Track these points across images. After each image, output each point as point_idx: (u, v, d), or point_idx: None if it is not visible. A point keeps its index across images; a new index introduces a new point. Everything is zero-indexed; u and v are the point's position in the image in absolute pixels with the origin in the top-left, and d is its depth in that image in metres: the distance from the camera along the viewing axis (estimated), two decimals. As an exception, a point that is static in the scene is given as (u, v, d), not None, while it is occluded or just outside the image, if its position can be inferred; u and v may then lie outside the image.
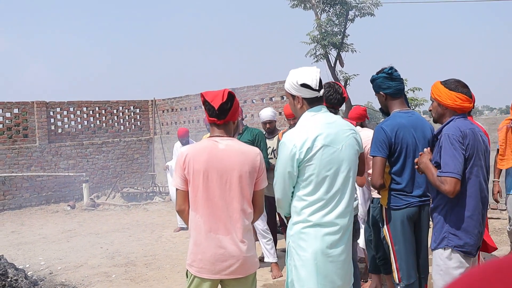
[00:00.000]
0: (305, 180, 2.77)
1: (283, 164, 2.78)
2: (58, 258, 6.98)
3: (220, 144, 2.86)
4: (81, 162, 13.21)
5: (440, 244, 2.93)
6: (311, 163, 2.74)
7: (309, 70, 2.87)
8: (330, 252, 2.78)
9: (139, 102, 15.11)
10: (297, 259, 2.81)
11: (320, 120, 2.82)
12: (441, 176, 2.81)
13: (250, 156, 2.90)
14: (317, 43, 11.88)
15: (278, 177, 2.84)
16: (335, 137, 2.80)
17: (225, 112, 2.85)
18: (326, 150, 2.75)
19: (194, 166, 2.81)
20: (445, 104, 2.99)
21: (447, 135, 2.87)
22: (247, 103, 12.26)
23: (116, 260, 6.72)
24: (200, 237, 2.82)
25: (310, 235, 2.76)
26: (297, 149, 2.73)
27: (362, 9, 12.20)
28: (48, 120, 12.94)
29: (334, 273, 2.81)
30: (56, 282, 5.85)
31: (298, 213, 2.81)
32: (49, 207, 12.01)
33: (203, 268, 2.82)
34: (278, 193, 2.90)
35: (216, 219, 2.82)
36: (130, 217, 10.15)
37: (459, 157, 2.81)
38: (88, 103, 13.91)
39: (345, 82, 12.28)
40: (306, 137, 2.74)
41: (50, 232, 8.93)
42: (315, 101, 2.88)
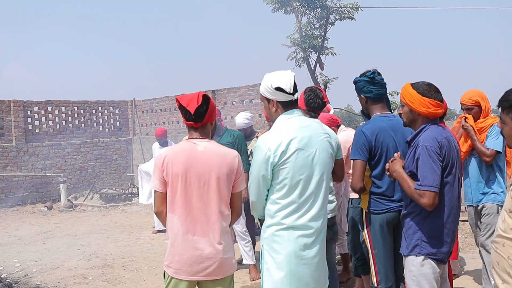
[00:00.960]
0: (279, 183, 2.80)
1: (258, 167, 2.81)
2: (33, 260, 6.89)
3: (198, 146, 2.90)
4: (59, 163, 13.06)
5: (413, 251, 2.90)
6: (285, 166, 2.77)
7: (284, 74, 2.89)
8: (304, 254, 2.82)
9: (118, 103, 15.00)
10: (270, 262, 2.83)
11: (295, 124, 2.85)
12: (419, 190, 2.77)
13: (228, 159, 2.94)
14: (297, 46, 11.95)
15: (253, 180, 2.86)
16: (309, 140, 2.83)
17: (202, 115, 2.89)
18: (300, 154, 2.78)
19: (173, 168, 2.83)
20: (418, 111, 2.92)
21: (425, 146, 2.81)
22: (227, 105, 12.27)
23: (93, 262, 6.66)
24: (178, 239, 2.85)
25: (284, 238, 2.79)
26: (271, 152, 2.75)
27: (342, 13, 12.30)
28: (25, 119, 12.77)
29: (308, 276, 2.84)
30: (31, 284, 5.77)
31: (272, 216, 2.84)
32: (25, 208, 11.84)
33: (180, 270, 2.85)
34: (252, 196, 2.92)
35: (193, 221, 2.85)
36: (108, 219, 10.07)
37: (437, 169, 2.78)
38: (66, 103, 13.77)
39: (325, 85, 12.35)
40: (281, 141, 2.77)
41: (26, 234, 8.81)
42: (290, 104, 2.90)
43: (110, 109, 14.78)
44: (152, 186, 2.97)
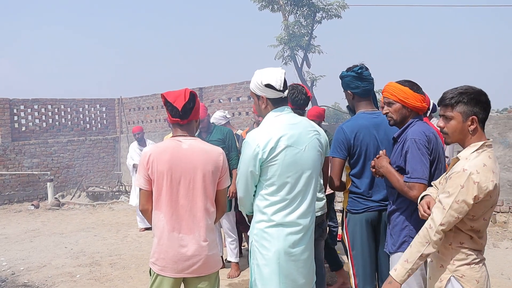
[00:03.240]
0: (268, 180, 2.81)
1: (246, 163, 2.83)
2: (21, 258, 6.89)
3: (183, 144, 2.91)
4: (46, 161, 13.02)
5: (400, 248, 2.88)
6: (273, 163, 2.78)
7: (274, 71, 2.90)
8: (293, 251, 2.85)
9: (105, 101, 14.96)
10: (260, 258, 2.87)
11: (284, 121, 2.87)
12: (408, 182, 2.76)
13: (213, 156, 2.96)
14: (284, 44, 12.01)
15: (241, 175, 2.88)
16: (298, 138, 2.85)
17: (188, 112, 2.90)
18: (289, 151, 2.80)
19: (158, 166, 2.84)
20: (413, 106, 2.92)
21: (414, 140, 2.81)
22: (214, 102, 12.31)
23: (81, 260, 6.68)
24: (163, 236, 2.87)
25: (273, 235, 2.82)
26: (260, 149, 2.76)
27: (329, 11, 12.38)
28: (11, 118, 12.70)
29: (296, 272, 2.88)
30: (18, 283, 5.79)
31: (261, 212, 2.86)
32: (12, 207, 11.79)
33: (165, 267, 2.87)
34: (240, 192, 2.95)
35: (179, 218, 2.87)
36: (96, 217, 10.07)
37: (426, 162, 2.78)
38: (53, 101, 13.71)
39: (312, 82, 12.45)
40: (270, 137, 2.78)
41: (13, 232, 8.78)
42: (280, 101, 2.92)
43: (97, 107, 14.75)
44: (137, 184, 2.96)
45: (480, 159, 2.31)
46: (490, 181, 2.26)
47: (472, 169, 2.27)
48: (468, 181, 2.26)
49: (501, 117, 8.00)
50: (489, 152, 2.35)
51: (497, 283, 5.00)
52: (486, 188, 2.26)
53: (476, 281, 2.36)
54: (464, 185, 2.26)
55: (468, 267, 2.37)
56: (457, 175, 2.30)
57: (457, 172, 2.30)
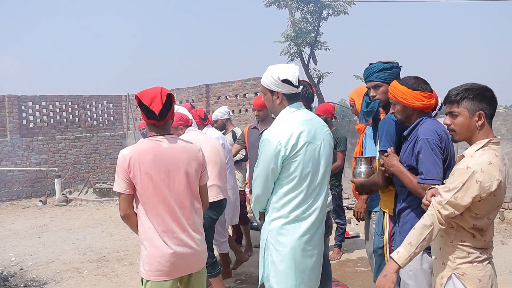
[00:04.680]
0: (288, 177, 2.81)
1: (267, 161, 2.80)
2: (29, 254, 6.95)
3: (163, 143, 2.86)
4: (53, 157, 13.09)
5: None
6: (295, 159, 2.79)
7: (289, 66, 2.92)
8: (308, 246, 2.89)
9: (112, 97, 15.01)
10: (275, 255, 2.87)
11: (300, 117, 2.88)
12: (423, 184, 2.69)
13: (193, 153, 2.97)
14: (291, 41, 11.99)
15: (260, 173, 2.86)
16: (315, 133, 2.88)
17: (165, 114, 2.84)
18: (309, 147, 2.83)
19: (141, 168, 2.77)
20: (413, 106, 2.86)
21: (426, 139, 2.75)
22: (221, 99, 12.32)
23: (88, 256, 6.73)
24: (156, 239, 2.81)
25: (290, 231, 2.84)
26: (282, 146, 2.76)
27: (336, 8, 12.33)
28: (19, 114, 12.79)
29: (310, 267, 2.93)
30: (27, 278, 5.84)
31: (278, 209, 2.86)
32: (20, 203, 11.88)
33: (161, 271, 2.82)
34: (258, 189, 2.91)
35: (169, 219, 2.82)
36: (103, 213, 10.13)
37: (440, 162, 2.72)
38: (60, 98, 13.77)
39: (319, 79, 12.42)
40: (291, 134, 2.78)
41: (21, 228, 8.85)
42: (294, 97, 2.93)
43: (104, 104, 14.80)
44: (116, 189, 2.83)
45: (486, 157, 2.28)
46: (495, 179, 2.24)
47: (476, 168, 2.24)
48: (470, 180, 2.24)
49: (509, 113, 7.96)
50: (496, 150, 2.32)
51: (505, 280, 4.98)
52: (489, 188, 2.23)
53: (478, 280, 2.33)
54: (466, 183, 2.25)
55: (470, 265, 2.35)
56: (460, 172, 2.28)
57: (461, 169, 2.29)
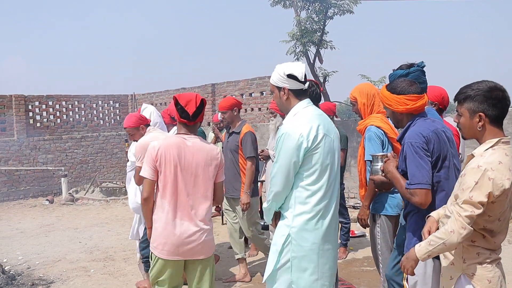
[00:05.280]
0: (309, 169, 2.83)
1: (288, 155, 2.81)
2: (36, 252, 6.99)
3: (187, 141, 3.27)
4: (60, 156, 13.15)
5: None
6: (316, 151, 2.82)
7: (296, 63, 2.99)
8: (328, 242, 2.92)
9: (118, 97, 15.06)
10: (298, 250, 2.86)
11: (313, 112, 2.94)
12: (409, 189, 2.70)
13: (213, 153, 3.34)
14: (296, 40, 11.97)
15: (280, 169, 2.85)
16: (329, 127, 2.94)
17: (197, 116, 3.28)
18: (327, 139, 2.87)
19: (166, 159, 3.19)
20: (398, 110, 2.88)
21: (410, 143, 2.73)
22: (227, 98, 12.33)
23: (95, 255, 6.76)
24: (167, 222, 3.20)
25: (314, 226, 2.85)
26: (304, 138, 2.78)
27: (341, 7, 12.29)
28: (26, 114, 12.85)
29: (331, 261, 2.96)
30: (34, 276, 5.87)
31: (303, 203, 2.86)
32: (27, 202, 11.94)
33: (167, 251, 3.20)
34: (278, 186, 2.89)
35: (181, 207, 3.22)
36: (109, 212, 10.16)
37: (426, 165, 2.69)
38: (67, 97, 13.84)
39: (324, 78, 12.38)
40: (311, 126, 2.82)
41: (28, 227, 8.90)
42: (301, 93, 2.97)
43: (110, 103, 14.85)
44: (143, 174, 3.25)
45: (496, 156, 2.27)
46: (506, 179, 2.23)
47: (487, 166, 2.24)
48: (483, 178, 2.23)
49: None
50: (506, 149, 2.31)
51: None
52: (502, 186, 2.22)
53: (488, 281, 2.32)
54: (479, 181, 2.24)
55: (480, 266, 2.34)
56: (472, 171, 2.27)
57: (472, 168, 2.28)
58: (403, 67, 3.37)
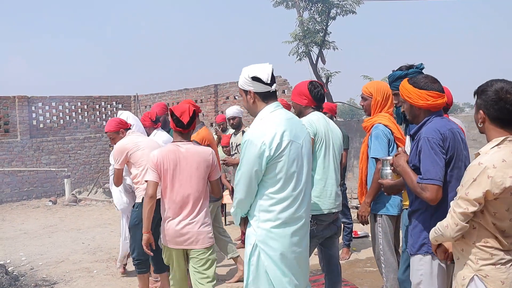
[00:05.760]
0: (274, 177, 2.74)
1: (250, 163, 2.73)
2: (39, 253, 7.00)
3: (181, 148, 3.72)
4: (63, 157, 13.17)
5: (420, 250, 2.80)
6: (280, 159, 2.72)
7: (261, 65, 2.88)
8: (297, 249, 2.84)
9: (121, 98, 15.08)
10: (266, 259, 2.79)
11: (281, 116, 2.82)
12: (421, 184, 2.65)
13: (205, 155, 3.76)
14: (299, 41, 11.98)
15: (243, 176, 2.78)
16: (296, 132, 2.83)
17: (190, 125, 3.73)
18: (293, 146, 2.77)
19: (164, 164, 3.67)
20: (417, 105, 2.82)
21: (427, 138, 2.69)
22: (230, 99, 12.34)
23: (98, 256, 6.77)
24: (169, 219, 3.70)
25: (280, 234, 2.77)
26: (266, 146, 2.69)
27: (344, 7, 12.31)
28: (29, 115, 12.87)
29: (300, 269, 2.89)
30: (37, 277, 5.88)
31: (267, 211, 2.78)
32: (30, 203, 11.97)
33: (169, 241, 3.73)
34: (241, 194, 2.82)
35: (179, 205, 3.68)
36: (112, 213, 10.16)
37: (440, 161, 2.65)
38: (70, 98, 13.86)
39: (327, 79, 12.41)
40: (274, 133, 2.71)
41: (31, 228, 8.92)
42: (268, 96, 2.88)
43: (113, 104, 14.87)
44: (148, 177, 3.75)
45: (500, 154, 2.26)
46: (508, 177, 2.21)
47: (488, 164, 2.23)
48: (481, 175, 2.23)
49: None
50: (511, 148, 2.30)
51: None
52: (502, 184, 2.20)
53: (501, 282, 2.29)
54: (477, 178, 2.24)
55: (493, 267, 2.31)
56: (473, 168, 2.27)
57: (473, 165, 2.28)
58: (402, 69, 3.38)
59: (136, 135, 4.88)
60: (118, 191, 5.26)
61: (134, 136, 4.80)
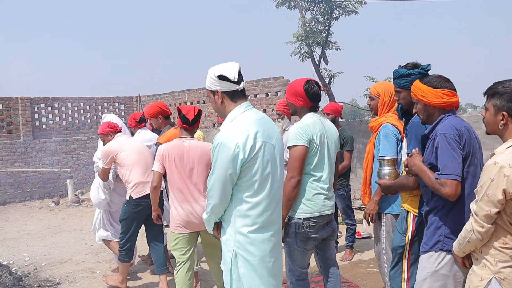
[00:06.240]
0: (249, 180, 2.67)
1: (224, 167, 2.63)
2: (42, 254, 7.02)
3: (185, 143, 4.18)
4: (66, 158, 13.19)
5: (434, 247, 2.77)
6: (255, 161, 2.64)
7: (227, 64, 2.80)
8: (275, 252, 2.80)
9: (124, 98, 15.09)
10: (244, 265, 2.73)
11: (252, 117, 2.74)
12: (440, 179, 2.63)
13: (206, 150, 4.19)
14: (301, 41, 11.96)
15: (217, 180, 2.67)
16: (269, 132, 2.75)
17: (195, 122, 4.23)
18: (267, 147, 2.69)
19: (169, 157, 4.13)
20: (433, 104, 2.83)
21: (443, 134, 2.69)
22: (232, 100, 12.32)
23: (101, 256, 6.77)
24: (177, 206, 4.13)
25: (258, 239, 2.71)
26: (240, 148, 2.60)
27: (347, 7, 12.28)
28: (32, 116, 12.89)
29: (277, 273, 2.85)
30: (40, 278, 5.89)
31: (244, 216, 2.70)
32: (33, 203, 11.98)
33: (180, 226, 4.15)
34: (215, 199, 2.72)
35: (186, 192, 4.11)
36: (115, 213, 10.16)
37: (458, 157, 2.64)
38: (72, 99, 13.87)
39: (330, 79, 12.38)
40: (247, 134, 2.63)
41: (34, 228, 8.93)
42: (237, 95, 2.79)
43: (116, 105, 14.87)
44: (154, 168, 4.23)
45: None
46: None
47: (504, 163, 2.23)
48: (498, 174, 2.23)
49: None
50: None
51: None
52: None
53: None
54: (494, 178, 2.23)
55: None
56: (489, 168, 2.27)
57: (489, 165, 2.28)
58: (407, 66, 3.35)
59: (123, 138, 5.30)
60: (95, 188, 5.65)
61: (120, 139, 5.24)
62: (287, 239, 3.52)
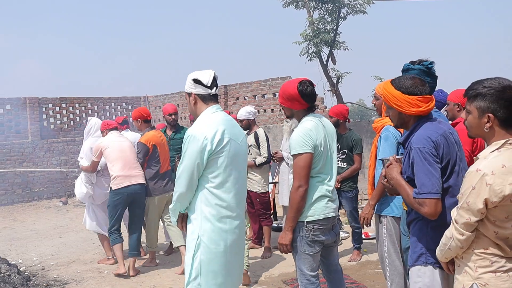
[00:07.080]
0: (214, 172, 2.94)
1: (193, 157, 2.90)
2: (50, 253, 7.04)
3: None
4: (73, 158, 13.20)
5: (418, 261, 2.60)
6: (221, 155, 2.92)
7: (204, 71, 3.14)
8: (238, 244, 3.04)
9: (131, 99, 15.12)
10: (206, 253, 2.94)
11: (221, 117, 3.05)
12: (418, 199, 2.46)
13: None
14: (309, 41, 11.92)
15: (185, 170, 2.93)
16: (236, 132, 3.08)
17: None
18: (233, 144, 2.99)
19: None
20: (409, 113, 2.60)
21: (418, 149, 2.48)
22: (239, 100, 12.33)
23: (108, 256, 6.76)
24: None
25: (224, 229, 2.96)
26: (208, 141, 2.88)
27: (354, 7, 12.22)
28: (40, 116, 12.94)
29: (237, 265, 3.09)
30: (48, 277, 5.90)
31: (209, 205, 2.95)
32: (41, 203, 12.03)
33: None
34: (182, 187, 2.96)
35: None
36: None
37: (436, 172, 2.45)
38: (80, 99, 13.92)
39: (337, 79, 12.32)
40: (216, 130, 2.92)
41: (43, 228, 8.97)
42: (208, 98, 3.11)
43: (123, 105, 14.90)
44: None
45: (500, 159, 2.11)
46: (508, 184, 2.06)
47: (486, 170, 2.09)
48: (480, 183, 2.10)
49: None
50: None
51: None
52: (501, 192, 2.07)
53: None
54: (476, 186, 2.11)
55: (493, 275, 2.17)
56: (471, 175, 2.14)
57: (471, 172, 2.15)
58: (415, 63, 3.19)
59: (115, 135, 5.94)
60: (79, 182, 6.24)
61: (111, 136, 5.90)
62: (293, 244, 3.38)
